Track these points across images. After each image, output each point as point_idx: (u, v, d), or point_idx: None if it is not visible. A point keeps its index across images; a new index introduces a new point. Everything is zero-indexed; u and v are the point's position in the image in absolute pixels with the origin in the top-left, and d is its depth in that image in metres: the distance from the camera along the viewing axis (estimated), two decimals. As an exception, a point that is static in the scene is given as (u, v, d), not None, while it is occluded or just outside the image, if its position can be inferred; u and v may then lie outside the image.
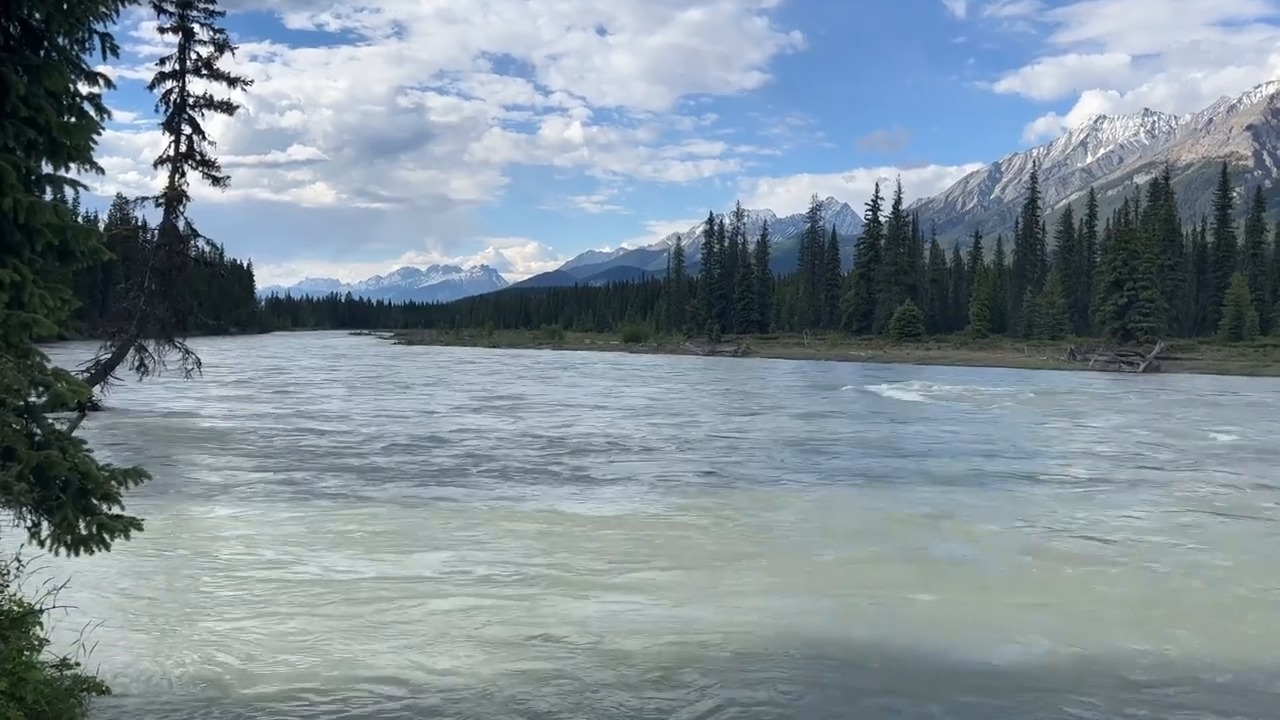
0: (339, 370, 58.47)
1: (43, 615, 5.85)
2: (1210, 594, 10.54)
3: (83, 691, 5.86)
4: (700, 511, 14.88)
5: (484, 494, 16.07)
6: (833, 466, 19.91)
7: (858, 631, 8.96)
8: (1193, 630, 9.17)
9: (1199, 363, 68.90)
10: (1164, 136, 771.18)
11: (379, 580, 10.51)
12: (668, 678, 7.70)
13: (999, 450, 22.76)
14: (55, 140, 5.61)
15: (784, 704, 7.26)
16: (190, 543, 12.48)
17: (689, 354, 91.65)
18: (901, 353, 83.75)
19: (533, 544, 12.41)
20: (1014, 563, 11.92)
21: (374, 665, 7.84)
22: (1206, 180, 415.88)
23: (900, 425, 28.54)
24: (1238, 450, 23.41)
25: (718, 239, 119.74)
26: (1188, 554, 12.42)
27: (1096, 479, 18.46)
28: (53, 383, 5.63)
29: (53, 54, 5.71)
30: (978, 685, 7.66)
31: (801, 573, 11.25)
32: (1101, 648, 8.57)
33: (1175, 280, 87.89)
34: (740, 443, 23.62)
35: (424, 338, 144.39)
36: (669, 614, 9.48)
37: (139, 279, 29.46)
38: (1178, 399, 41.15)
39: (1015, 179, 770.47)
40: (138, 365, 29.64)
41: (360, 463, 19.44)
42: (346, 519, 13.95)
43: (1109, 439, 25.42)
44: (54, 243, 5.61)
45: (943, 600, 10.09)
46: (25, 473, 5.36)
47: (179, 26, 28.53)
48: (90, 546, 5.79)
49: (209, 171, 29.28)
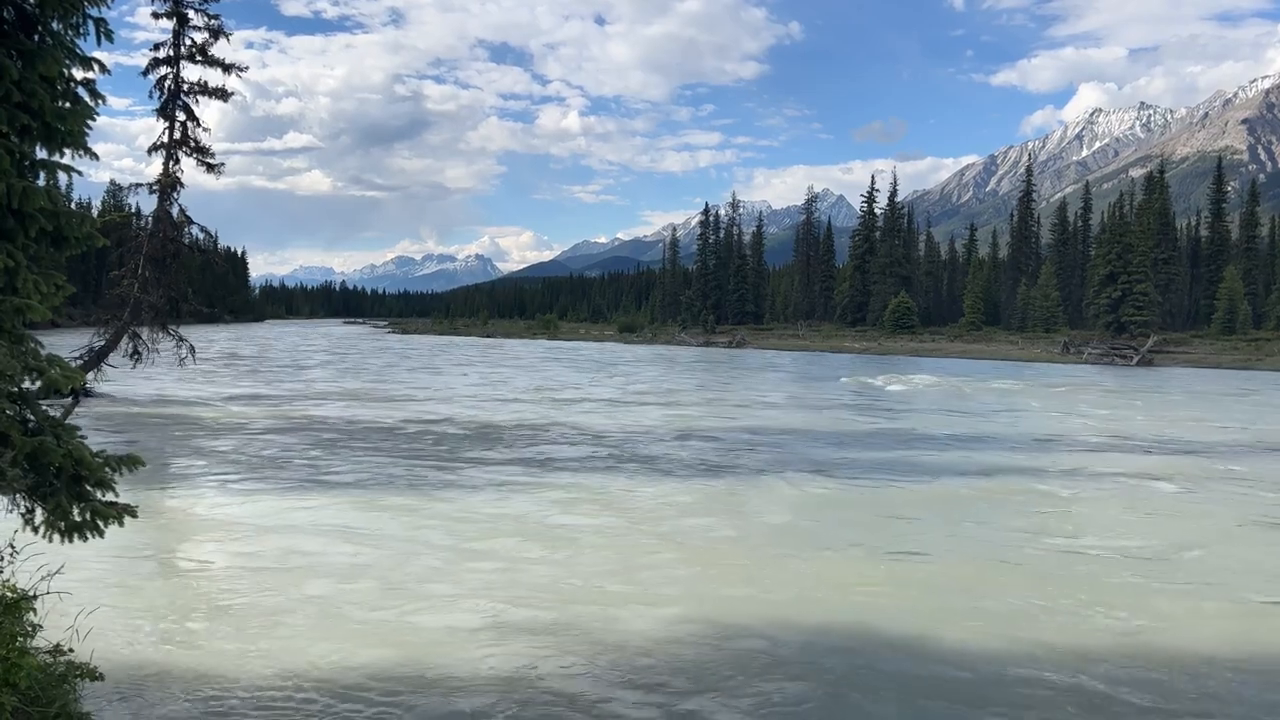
0: (330, 363, 58.34)
1: (36, 601, 5.85)
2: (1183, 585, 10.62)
3: (76, 678, 5.86)
4: (684, 506, 14.92)
5: (477, 482, 16.08)
6: (829, 459, 19.95)
7: (867, 624, 9.00)
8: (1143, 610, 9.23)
9: (1192, 356, 69.11)
10: (1159, 130, 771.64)
11: (373, 565, 10.52)
12: (677, 678, 7.73)
13: (987, 442, 22.85)
14: (49, 125, 5.58)
15: (795, 700, 7.29)
16: (184, 529, 12.48)
17: (683, 345, 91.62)
18: (896, 345, 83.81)
19: (531, 541, 12.43)
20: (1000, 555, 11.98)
21: (369, 651, 7.85)
22: (1201, 174, 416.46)
23: (894, 419, 28.58)
24: (1239, 446, 23.53)
25: (713, 230, 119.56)
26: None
27: (1103, 472, 18.55)
28: (46, 369, 5.61)
29: (47, 39, 5.68)
30: (977, 683, 7.71)
31: (797, 569, 11.30)
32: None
33: (1169, 274, 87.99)
34: (729, 436, 23.65)
35: (418, 327, 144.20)
36: (672, 614, 9.50)
37: (132, 266, 29.28)
38: (1174, 392, 41.30)
39: (1011, 172, 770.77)
40: (131, 352, 29.46)
41: (354, 448, 19.42)
42: (339, 504, 13.95)
43: (1104, 430, 25.51)
44: (48, 228, 5.58)
45: (920, 591, 10.15)
46: (19, 459, 5.36)
47: (173, 12, 28.19)
48: (84, 533, 5.78)
49: (203, 159, 29.01)
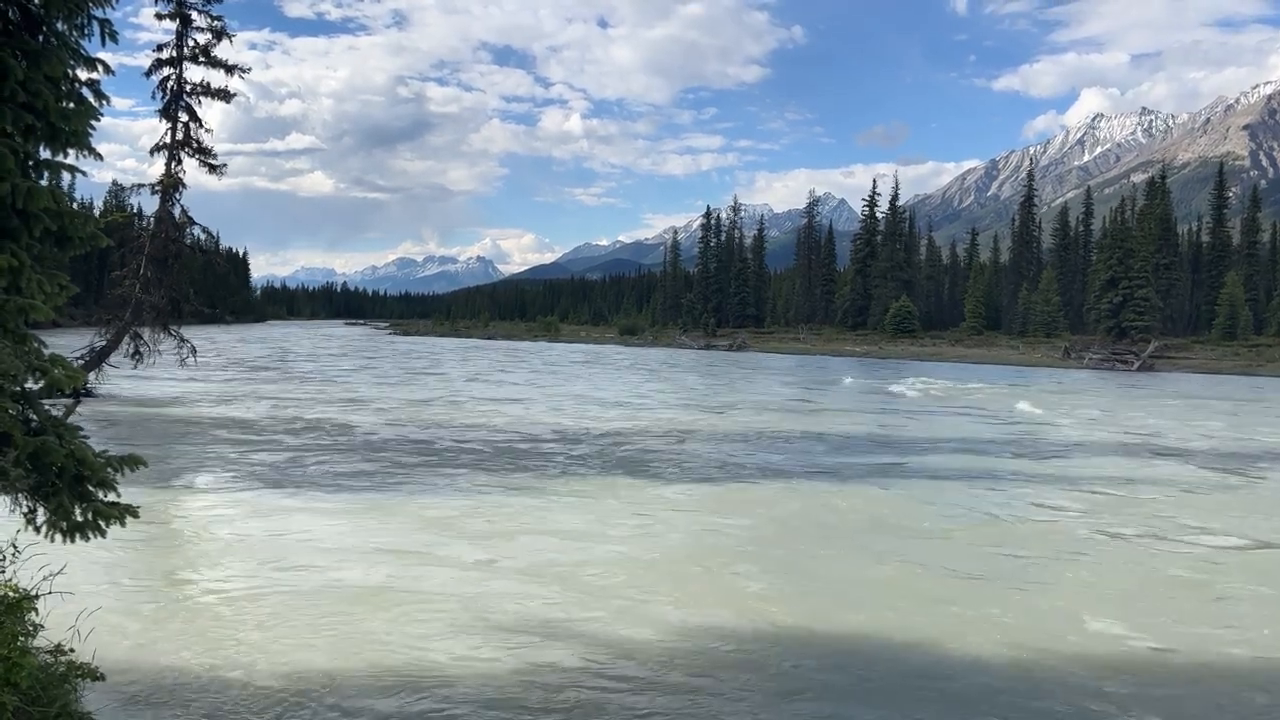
0: (335, 363, 58.37)
1: (38, 601, 5.84)
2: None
3: (77, 678, 5.85)
4: (692, 510, 14.92)
5: (472, 483, 16.08)
6: (834, 464, 19.95)
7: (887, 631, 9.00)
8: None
9: (1192, 361, 69.10)
10: (1161, 135, 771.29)
11: (376, 566, 10.52)
12: (685, 676, 7.73)
13: (989, 447, 22.83)
14: (53, 126, 5.58)
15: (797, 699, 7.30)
16: (185, 529, 12.48)
17: (684, 348, 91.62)
18: (896, 349, 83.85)
19: (528, 542, 12.44)
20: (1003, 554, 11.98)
21: (371, 652, 7.85)
22: (1203, 179, 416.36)
23: (895, 422, 28.58)
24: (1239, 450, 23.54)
25: (714, 233, 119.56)
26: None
27: (1103, 477, 18.55)
28: (49, 368, 5.61)
29: (51, 39, 5.68)
30: (977, 682, 7.70)
31: (802, 570, 11.30)
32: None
33: (1170, 279, 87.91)
34: (730, 436, 23.66)
35: (419, 328, 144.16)
36: (674, 612, 9.50)
37: (134, 266, 29.32)
38: (1174, 397, 41.28)
39: (1013, 176, 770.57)
40: (133, 353, 29.56)
41: (355, 448, 19.42)
42: (342, 504, 13.95)
43: (1106, 434, 25.50)
44: (52, 228, 5.59)
45: (932, 597, 10.15)
46: (21, 458, 5.35)
47: (177, 13, 28.32)
48: (86, 533, 5.78)
49: (206, 159, 29.13)
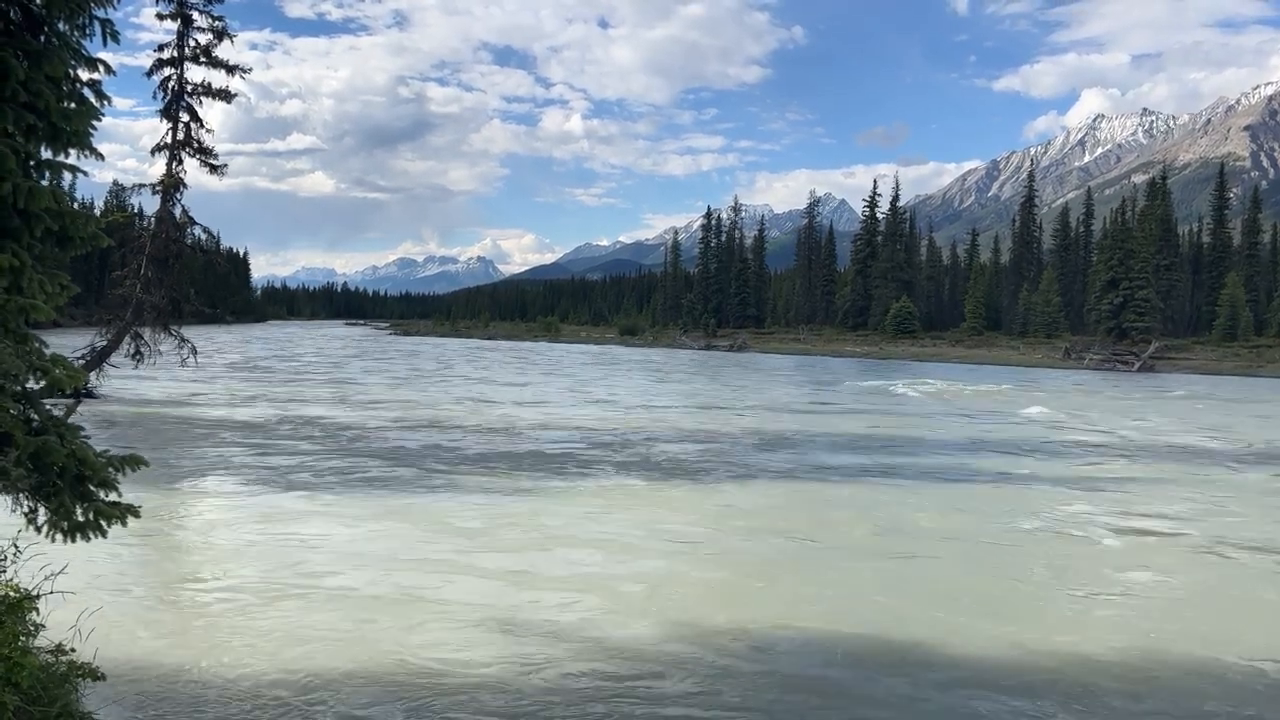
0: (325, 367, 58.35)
1: (39, 601, 5.85)
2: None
3: (78, 678, 5.86)
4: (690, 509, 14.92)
5: (470, 480, 16.08)
6: (838, 464, 19.95)
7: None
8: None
9: (1193, 362, 69.05)
10: (1162, 136, 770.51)
11: (377, 567, 10.52)
12: (686, 676, 7.73)
13: (990, 447, 22.83)
14: (55, 126, 5.58)
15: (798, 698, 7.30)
16: (186, 530, 12.48)
17: (684, 348, 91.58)
18: (897, 349, 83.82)
19: (527, 539, 12.44)
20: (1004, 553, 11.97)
21: (371, 652, 7.85)
22: (1204, 180, 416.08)
23: (896, 423, 28.57)
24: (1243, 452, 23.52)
25: (715, 233, 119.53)
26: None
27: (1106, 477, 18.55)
28: (50, 368, 5.61)
29: (53, 39, 5.68)
30: (977, 680, 7.70)
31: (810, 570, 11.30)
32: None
33: (1171, 280, 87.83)
34: (729, 437, 23.65)
35: (419, 328, 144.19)
36: (679, 612, 9.51)
37: (135, 266, 29.27)
38: (1176, 398, 41.28)
39: (1013, 177, 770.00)
40: (133, 353, 29.50)
41: (355, 448, 19.43)
42: (342, 504, 13.96)
43: (1107, 435, 25.49)
44: (53, 228, 5.58)
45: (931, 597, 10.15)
46: (22, 458, 5.35)
47: (178, 13, 28.23)
48: (87, 533, 5.77)
49: (206, 159, 29.05)
